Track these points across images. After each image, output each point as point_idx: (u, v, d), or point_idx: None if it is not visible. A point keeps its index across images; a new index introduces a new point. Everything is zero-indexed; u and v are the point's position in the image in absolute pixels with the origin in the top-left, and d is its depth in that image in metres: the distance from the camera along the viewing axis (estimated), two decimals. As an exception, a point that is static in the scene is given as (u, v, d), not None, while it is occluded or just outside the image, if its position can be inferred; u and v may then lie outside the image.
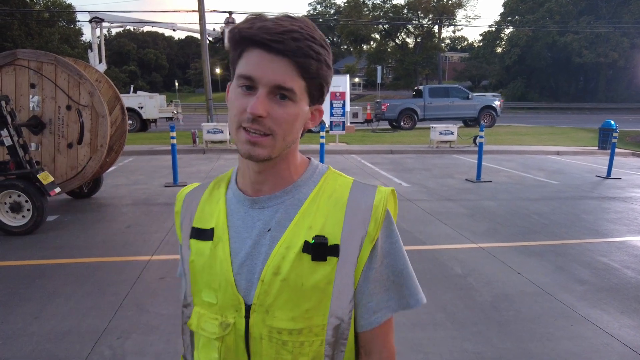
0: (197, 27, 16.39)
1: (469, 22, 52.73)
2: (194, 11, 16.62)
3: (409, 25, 49.14)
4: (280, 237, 0.75)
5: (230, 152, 12.00)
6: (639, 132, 17.18)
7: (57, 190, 5.21)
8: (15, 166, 5.02)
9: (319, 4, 68.91)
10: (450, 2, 45.68)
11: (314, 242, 0.73)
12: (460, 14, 79.26)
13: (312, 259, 0.73)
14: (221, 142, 12.46)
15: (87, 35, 67.66)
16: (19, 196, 5.00)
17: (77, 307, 3.29)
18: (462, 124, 20.33)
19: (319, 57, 0.71)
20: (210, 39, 17.84)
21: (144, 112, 18.28)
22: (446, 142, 13.27)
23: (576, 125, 23.13)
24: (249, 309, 0.75)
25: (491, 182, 8.42)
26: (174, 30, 19.31)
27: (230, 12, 16.79)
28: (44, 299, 3.41)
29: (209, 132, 12.31)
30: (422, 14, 47.71)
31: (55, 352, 2.72)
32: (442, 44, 51.61)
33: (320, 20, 58.36)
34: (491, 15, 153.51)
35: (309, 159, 0.84)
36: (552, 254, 4.55)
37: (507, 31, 46.17)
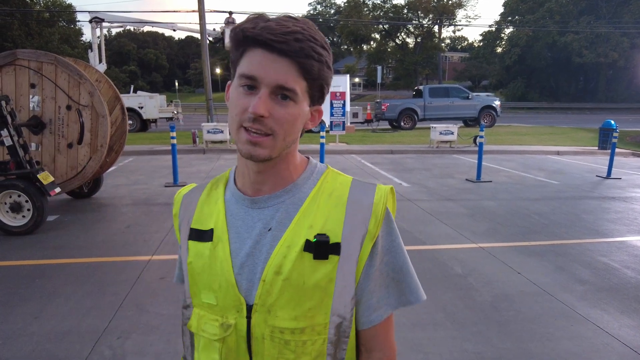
0: (197, 27, 16.38)
1: (469, 22, 52.86)
2: (194, 11, 16.63)
3: (409, 25, 49.16)
4: (281, 236, 0.75)
5: (230, 152, 11.99)
6: (639, 132, 17.18)
7: (57, 190, 5.21)
8: (15, 166, 5.03)
9: (319, 4, 68.96)
10: (450, 2, 45.69)
11: (316, 240, 0.73)
12: (460, 14, 79.56)
13: (314, 258, 0.73)
14: (221, 142, 12.46)
15: (87, 35, 67.72)
16: (19, 196, 5.00)
17: (77, 307, 3.29)
18: (462, 124, 20.34)
19: (321, 59, 0.71)
20: (210, 39, 17.84)
21: (144, 112, 18.29)
22: (446, 142, 13.27)
23: (576, 125, 23.12)
24: (250, 309, 0.75)
25: (491, 182, 8.42)
26: (174, 30, 19.31)
27: (230, 12, 16.78)
28: (44, 299, 3.41)
29: (209, 132, 12.32)
30: (422, 14, 47.75)
31: (55, 352, 2.72)
32: (442, 44, 51.63)
33: (320, 20, 58.39)
34: (491, 15, 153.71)
35: (308, 159, 0.84)
36: (552, 254, 4.55)
37: (507, 31, 46.21)
